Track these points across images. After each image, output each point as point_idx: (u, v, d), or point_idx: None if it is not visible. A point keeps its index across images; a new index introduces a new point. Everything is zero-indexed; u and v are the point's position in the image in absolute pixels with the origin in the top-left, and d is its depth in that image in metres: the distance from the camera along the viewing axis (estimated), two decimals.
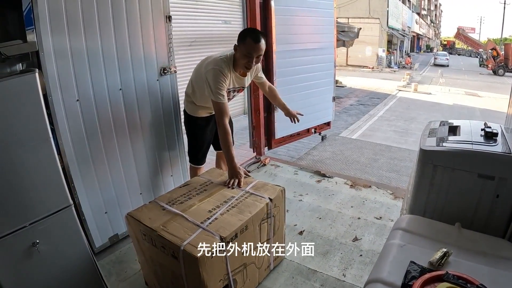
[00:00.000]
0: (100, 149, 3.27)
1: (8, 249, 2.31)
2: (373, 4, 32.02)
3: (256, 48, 3.03)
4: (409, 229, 2.26)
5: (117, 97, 3.32)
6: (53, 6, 2.76)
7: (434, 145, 2.51)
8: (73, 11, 2.90)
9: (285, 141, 5.88)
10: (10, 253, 2.33)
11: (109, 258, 3.34)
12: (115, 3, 3.16)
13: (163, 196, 2.87)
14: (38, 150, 2.37)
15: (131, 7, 3.30)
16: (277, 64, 5.18)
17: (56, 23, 2.80)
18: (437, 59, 39.97)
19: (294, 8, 5.31)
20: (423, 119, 11.46)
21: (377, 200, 4.26)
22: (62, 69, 2.90)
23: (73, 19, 2.91)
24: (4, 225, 2.27)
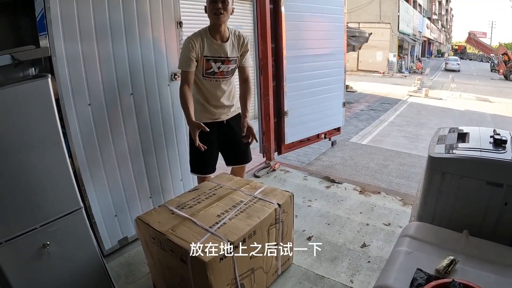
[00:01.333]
0: (111, 153, 3.31)
1: (19, 250, 2.35)
2: (384, 9, 31.97)
3: None
4: (417, 236, 2.27)
5: (128, 102, 3.37)
6: (66, 12, 2.81)
7: (442, 152, 2.51)
8: (85, 16, 2.95)
9: (295, 147, 5.89)
10: (21, 254, 2.37)
11: (118, 260, 3.37)
12: (126, 8, 3.21)
13: (172, 200, 2.89)
14: (50, 153, 2.42)
15: (143, 12, 3.35)
16: (287, 69, 5.21)
17: (68, 28, 2.85)
18: (448, 64, 39.74)
19: (304, 14, 5.34)
20: (434, 125, 11.41)
21: (386, 206, 4.25)
22: (74, 74, 2.94)
23: (85, 24, 2.96)
24: (16, 226, 2.32)
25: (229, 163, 3.65)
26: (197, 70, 3.21)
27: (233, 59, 3.30)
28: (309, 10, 5.38)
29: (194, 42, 3.10)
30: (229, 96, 3.43)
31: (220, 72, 3.27)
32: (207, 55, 3.17)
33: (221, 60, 3.24)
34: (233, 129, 3.48)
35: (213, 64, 3.21)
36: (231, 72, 3.37)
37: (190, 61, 3.09)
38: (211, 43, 3.18)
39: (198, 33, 3.19)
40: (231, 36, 3.28)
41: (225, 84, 3.35)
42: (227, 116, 3.46)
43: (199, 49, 3.12)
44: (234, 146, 3.56)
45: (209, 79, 3.26)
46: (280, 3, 4.99)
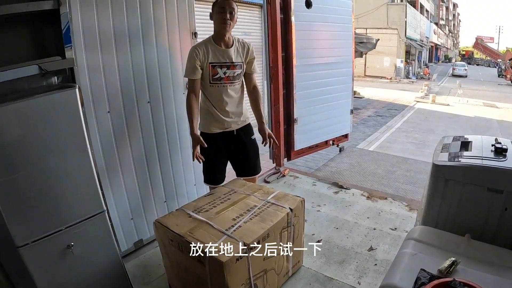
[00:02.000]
0: (128, 159, 3.43)
1: (45, 250, 2.47)
2: (391, 15, 31.92)
3: (228, 3, 3.20)
4: (421, 239, 2.37)
5: (146, 110, 3.49)
6: (87, 23, 2.96)
7: (446, 160, 2.61)
8: (106, 28, 3.09)
9: (304, 153, 5.97)
10: (47, 253, 2.49)
11: (134, 262, 3.47)
12: (144, 19, 3.35)
13: (189, 205, 2.99)
14: (76, 158, 2.55)
15: (160, 24, 3.49)
16: (297, 77, 5.31)
17: (89, 39, 2.99)
18: (455, 70, 39.53)
19: (313, 23, 5.43)
20: (441, 131, 11.46)
21: (392, 211, 4.32)
22: (95, 83, 3.08)
23: (105, 35, 3.10)
24: (43, 227, 2.44)
25: (239, 174, 3.68)
26: (204, 78, 3.28)
27: (238, 64, 3.37)
28: (318, 19, 5.47)
29: (198, 50, 3.20)
30: (236, 103, 3.47)
31: (227, 77, 3.33)
32: (212, 62, 3.25)
33: (227, 65, 3.31)
34: (242, 140, 3.55)
35: (219, 70, 3.28)
36: (237, 77, 3.42)
37: (195, 69, 3.19)
38: (215, 50, 3.27)
39: (202, 42, 3.31)
40: (235, 42, 3.38)
41: (232, 90, 3.40)
42: (237, 125, 3.51)
43: (203, 56, 3.21)
44: (244, 158, 3.64)
45: (216, 85, 3.32)
46: (290, 13, 5.10)
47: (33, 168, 2.37)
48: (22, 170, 2.33)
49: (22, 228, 2.37)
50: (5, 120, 2.26)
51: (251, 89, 3.60)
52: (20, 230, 2.36)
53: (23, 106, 2.29)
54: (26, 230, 2.38)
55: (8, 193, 2.28)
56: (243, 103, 3.56)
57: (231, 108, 3.42)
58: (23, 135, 2.32)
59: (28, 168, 2.35)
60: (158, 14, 3.47)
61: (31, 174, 2.36)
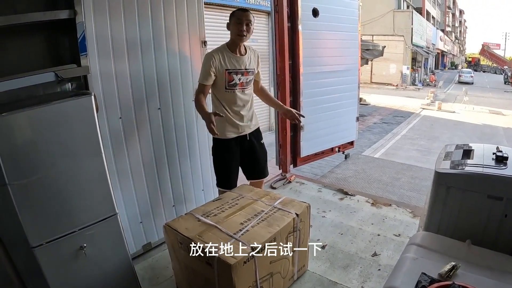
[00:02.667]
0: (138, 163, 3.51)
1: (59, 250, 2.55)
2: (398, 22, 31.87)
3: (245, 15, 3.28)
4: (423, 244, 2.43)
5: (156, 116, 3.58)
6: (100, 32, 3.05)
7: (448, 168, 2.67)
8: (118, 36, 3.19)
9: (310, 159, 6.02)
10: (60, 254, 2.56)
11: (142, 264, 3.53)
12: (155, 28, 3.45)
13: (198, 209, 3.07)
14: (90, 163, 2.63)
15: (171, 33, 3.58)
16: (304, 85, 5.37)
17: (102, 47, 3.09)
18: (461, 77, 39.29)
19: (320, 31, 5.50)
20: (446, 138, 11.46)
21: (396, 218, 4.36)
22: (107, 89, 3.17)
23: (118, 43, 3.20)
24: (57, 228, 2.52)
25: (249, 177, 3.79)
26: (220, 84, 3.35)
27: (251, 70, 3.49)
28: (325, 28, 5.53)
29: (214, 57, 3.27)
30: (250, 107, 3.57)
31: (241, 83, 3.43)
32: (229, 68, 3.33)
33: (241, 72, 3.41)
34: (254, 144, 3.65)
35: (234, 76, 3.37)
36: (249, 83, 3.53)
37: (209, 76, 3.26)
38: (231, 57, 3.36)
39: (217, 49, 3.37)
40: (248, 50, 3.48)
41: (245, 95, 3.49)
42: (250, 129, 3.60)
43: (219, 63, 3.28)
44: (254, 161, 3.72)
45: (231, 91, 3.39)
46: (298, 21, 5.17)
47: (49, 171, 2.45)
48: (38, 173, 2.41)
49: (37, 229, 2.45)
50: (24, 125, 2.35)
51: (259, 89, 3.81)
52: (35, 231, 2.43)
53: (42, 112, 2.38)
54: (40, 231, 2.46)
55: (24, 194, 2.36)
56: (253, 108, 3.66)
57: (245, 112, 3.52)
58: (40, 139, 2.41)
59: (44, 171, 2.43)
60: (169, 24, 3.56)
61: (46, 177, 2.45)
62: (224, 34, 3.49)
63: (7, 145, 2.29)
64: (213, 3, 8.97)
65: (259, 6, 10.85)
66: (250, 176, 3.78)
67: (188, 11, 3.73)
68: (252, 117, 3.63)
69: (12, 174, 2.30)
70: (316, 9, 5.32)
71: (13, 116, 2.29)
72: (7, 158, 2.28)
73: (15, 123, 2.32)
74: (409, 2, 37.60)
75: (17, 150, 2.34)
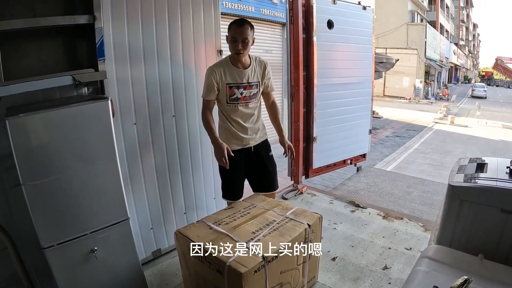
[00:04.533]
0: (151, 170, 3.55)
1: (70, 252, 2.59)
2: (411, 35, 31.91)
3: (239, 31, 3.14)
4: (435, 257, 2.41)
5: (170, 123, 3.61)
6: (118, 38, 3.11)
7: (461, 181, 2.65)
8: (135, 43, 3.24)
9: (322, 171, 6.00)
10: (71, 256, 2.61)
11: (151, 270, 3.56)
12: (172, 36, 3.50)
13: (209, 217, 3.07)
14: (104, 167, 2.68)
15: (187, 40, 3.63)
16: (317, 97, 5.38)
17: (120, 53, 3.14)
18: (474, 91, 39.22)
19: (335, 43, 5.52)
20: (459, 153, 11.37)
21: (408, 231, 4.34)
22: (123, 95, 3.22)
23: (135, 50, 3.25)
24: (69, 230, 2.57)
25: (257, 190, 3.67)
26: (221, 98, 3.32)
27: (254, 83, 3.39)
28: (339, 40, 5.55)
29: (215, 71, 3.23)
30: (256, 120, 3.50)
31: (243, 97, 3.35)
32: (229, 82, 3.27)
33: (243, 86, 3.33)
34: (260, 156, 3.57)
35: (236, 91, 3.31)
36: (254, 97, 3.43)
37: (211, 91, 3.24)
38: (232, 71, 3.29)
39: (219, 63, 3.36)
40: (252, 62, 3.38)
41: (249, 108, 3.42)
42: (255, 142, 3.52)
43: (220, 78, 3.24)
44: (262, 174, 3.64)
45: (233, 105, 3.34)
46: (312, 33, 5.19)
47: (63, 173, 2.50)
48: (52, 174, 2.46)
49: (49, 230, 2.50)
50: (40, 126, 2.41)
51: (270, 104, 3.68)
52: (46, 232, 2.48)
53: (58, 114, 2.44)
54: (52, 232, 2.51)
55: (38, 196, 2.42)
56: (261, 120, 3.60)
57: (250, 125, 3.45)
58: (55, 141, 2.47)
59: (58, 173, 2.48)
60: (185, 32, 3.61)
61: (60, 179, 2.49)
62: None
63: (23, 146, 2.35)
64: (228, 13, 9.07)
65: (274, 18, 10.94)
66: (259, 189, 3.67)
67: (205, 20, 3.78)
68: (259, 130, 3.56)
69: (26, 175, 2.36)
70: (331, 21, 5.35)
71: (29, 117, 2.34)
72: (23, 159, 2.34)
73: (32, 124, 2.37)
74: (422, 15, 37.62)
75: (33, 151, 2.39)
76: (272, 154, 3.66)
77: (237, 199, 3.57)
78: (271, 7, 10.91)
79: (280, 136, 3.66)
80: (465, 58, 65.40)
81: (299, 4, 5.09)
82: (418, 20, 36.32)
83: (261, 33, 10.46)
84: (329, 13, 5.36)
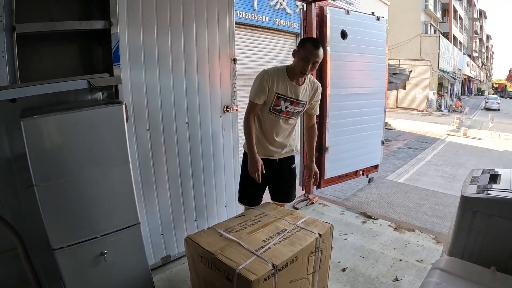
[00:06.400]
0: (163, 176, 3.57)
1: (79, 255, 2.61)
2: (425, 46, 31.86)
3: (314, 53, 3.03)
4: (446, 269, 2.39)
5: (183, 130, 3.64)
6: (133, 44, 3.16)
7: (474, 192, 2.63)
8: (150, 49, 3.29)
9: (334, 182, 5.98)
10: (80, 259, 2.63)
11: (160, 276, 3.57)
12: (187, 43, 3.54)
13: (220, 224, 3.06)
14: (117, 171, 2.70)
15: (201, 48, 3.67)
16: (330, 107, 5.38)
17: (134, 59, 3.19)
18: (488, 103, 38.96)
19: (348, 54, 5.52)
20: (471, 165, 11.25)
21: (419, 243, 4.31)
22: (137, 100, 3.26)
23: (150, 56, 3.29)
24: (79, 233, 2.59)
25: (273, 199, 3.63)
26: (266, 104, 3.22)
27: (302, 102, 3.30)
28: (353, 50, 5.56)
29: (269, 76, 3.13)
30: (287, 136, 3.44)
31: (286, 112, 3.27)
32: (279, 93, 3.17)
33: (290, 101, 3.23)
34: (282, 168, 3.52)
35: (282, 102, 3.21)
36: (296, 114, 3.37)
37: (261, 94, 3.14)
38: (286, 82, 3.18)
39: (275, 69, 3.22)
40: (306, 80, 3.29)
41: (286, 123, 3.35)
42: (280, 155, 3.46)
43: (271, 84, 3.13)
44: (281, 186, 3.59)
45: (274, 115, 3.26)
46: (326, 43, 5.19)
47: (76, 176, 2.53)
48: (65, 176, 2.49)
49: (59, 232, 2.52)
50: (54, 128, 2.44)
51: (309, 126, 3.66)
52: (57, 233, 2.51)
53: (73, 117, 2.48)
54: (63, 234, 2.53)
55: (50, 197, 2.45)
56: (292, 137, 3.54)
57: (281, 140, 3.40)
58: (69, 144, 2.50)
59: (70, 176, 2.51)
60: (200, 40, 3.65)
61: (73, 181, 2.53)
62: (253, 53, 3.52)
63: (37, 147, 2.38)
64: (243, 23, 9.13)
65: (288, 28, 11.00)
66: (275, 197, 3.63)
67: (220, 29, 3.81)
68: (286, 146, 3.49)
69: (39, 176, 2.39)
70: (345, 31, 5.36)
71: (44, 119, 2.38)
72: (36, 160, 2.37)
73: (46, 126, 2.41)
74: (436, 27, 37.60)
75: (46, 153, 2.43)
76: (294, 166, 3.65)
77: (255, 205, 3.50)
78: (285, 17, 10.97)
79: (310, 161, 3.68)
80: (478, 70, 65.10)
81: (313, 14, 5.13)
82: (432, 31, 36.31)
83: (275, 43, 10.55)
84: (343, 23, 5.37)
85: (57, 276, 2.63)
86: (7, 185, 2.71)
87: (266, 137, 3.37)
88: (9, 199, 2.73)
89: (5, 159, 2.67)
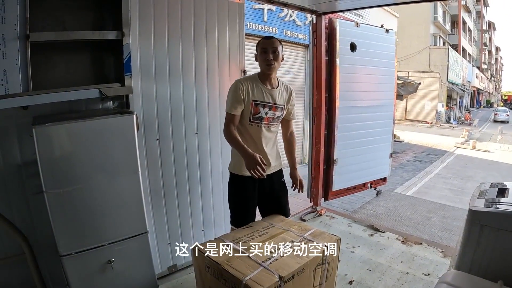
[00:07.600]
0: (172, 186, 3.59)
1: (87, 262, 2.64)
2: (434, 58, 31.85)
3: (269, 42, 3.09)
4: (453, 283, 2.39)
5: (192, 140, 3.68)
6: (145, 54, 3.21)
7: (482, 206, 2.64)
8: (161, 60, 3.34)
9: (341, 194, 5.96)
10: (88, 266, 2.66)
11: (166, 285, 3.58)
12: (197, 54, 3.58)
13: (228, 235, 3.06)
14: (127, 180, 2.74)
15: (212, 59, 3.71)
16: (339, 119, 5.39)
17: (146, 69, 3.24)
18: (497, 115, 38.74)
19: (357, 66, 5.54)
20: (480, 178, 11.19)
21: (427, 257, 4.29)
22: (147, 110, 3.30)
23: (161, 67, 3.34)
24: (87, 240, 2.62)
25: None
26: (244, 115, 3.14)
27: (280, 106, 3.26)
28: (362, 62, 5.58)
29: (243, 84, 3.08)
30: (272, 146, 3.34)
31: (267, 118, 3.20)
32: (256, 99, 3.12)
33: (269, 106, 3.19)
34: (273, 184, 3.41)
35: (261, 109, 3.15)
36: (277, 120, 3.30)
37: (237, 104, 3.06)
38: (260, 88, 3.15)
39: (247, 78, 3.24)
40: (280, 84, 3.28)
41: (269, 131, 3.27)
42: (270, 171, 3.33)
43: (247, 92, 3.08)
44: (273, 201, 3.46)
45: (255, 124, 3.17)
46: (335, 55, 5.22)
47: (85, 183, 2.57)
48: (75, 184, 2.53)
49: (68, 238, 2.55)
50: (65, 136, 2.49)
51: (288, 134, 3.57)
52: (65, 240, 2.54)
53: (84, 125, 2.53)
54: (71, 241, 2.57)
55: (59, 204, 2.48)
56: (276, 147, 3.43)
57: (268, 150, 3.29)
58: (79, 152, 2.55)
59: (80, 183, 2.55)
60: (210, 50, 3.69)
61: (82, 189, 2.56)
62: None
63: (48, 154, 2.43)
64: (253, 34, 9.20)
65: (297, 39, 11.06)
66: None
67: (230, 40, 3.86)
68: (276, 157, 3.41)
69: (49, 183, 2.43)
70: (354, 44, 5.38)
71: (56, 127, 2.43)
72: (47, 167, 2.41)
73: (57, 134, 2.46)
74: (445, 39, 37.59)
75: (57, 160, 2.47)
76: (284, 180, 3.54)
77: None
78: (294, 29, 11.06)
79: (292, 169, 3.57)
80: (487, 82, 64.88)
81: (323, 27, 5.15)
82: (441, 43, 36.30)
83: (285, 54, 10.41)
84: (352, 35, 5.39)
85: (64, 283, 2.66)
86: (17, 190, 2.75)
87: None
88: (19, 205, 2.77)
89: (16, 165, 2.71)
